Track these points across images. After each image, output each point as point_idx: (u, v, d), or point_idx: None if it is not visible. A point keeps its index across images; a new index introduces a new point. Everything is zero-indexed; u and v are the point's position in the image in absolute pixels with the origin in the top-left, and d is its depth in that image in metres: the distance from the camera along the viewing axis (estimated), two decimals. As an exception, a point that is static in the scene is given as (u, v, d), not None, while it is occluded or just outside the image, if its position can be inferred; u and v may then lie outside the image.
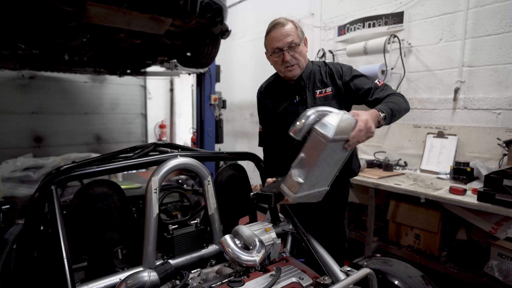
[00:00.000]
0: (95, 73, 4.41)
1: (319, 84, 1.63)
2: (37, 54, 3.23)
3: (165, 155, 1.39)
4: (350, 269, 1.18)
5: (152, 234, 1.23)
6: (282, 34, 1.50)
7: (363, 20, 3.30)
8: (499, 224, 2.22)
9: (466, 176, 2.46)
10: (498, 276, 2.13)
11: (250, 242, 1.21)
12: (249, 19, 5.13)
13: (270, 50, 1.55)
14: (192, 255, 1.34)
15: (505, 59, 2.52)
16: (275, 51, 1.53)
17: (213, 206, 1.44)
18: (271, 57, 1.57)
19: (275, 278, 1.10)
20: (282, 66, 1.55)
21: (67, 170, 1.17)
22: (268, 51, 1.58)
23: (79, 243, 1.20)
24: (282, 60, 1.53)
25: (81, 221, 1.21)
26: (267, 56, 1.62)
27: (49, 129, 5.43)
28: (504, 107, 2.53)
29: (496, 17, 2.54)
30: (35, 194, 1.10)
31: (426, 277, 1.47)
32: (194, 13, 2.26)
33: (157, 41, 2.99)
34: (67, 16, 2.11)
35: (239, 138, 5.67)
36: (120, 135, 6.32)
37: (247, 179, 1.72)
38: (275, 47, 1.51)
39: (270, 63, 1.63)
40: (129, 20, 2.27)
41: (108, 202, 1.27)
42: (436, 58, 2.90)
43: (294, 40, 1.50)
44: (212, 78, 4.52)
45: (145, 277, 1.05)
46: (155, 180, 1.24)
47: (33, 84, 5.21)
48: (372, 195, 2.61)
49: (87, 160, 1.40)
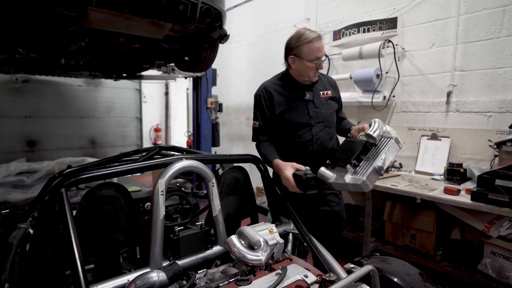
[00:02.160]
0: (90, 77, 4.40)
1: (321, 87, 1.94)
2: (35, 58, 3.22)
3: (171, 158, 1.42)
4: (353, 266, 1.22)
5: (159, 235, 1.25)
6: (322, 46, 1.78)
7: (358, 25, 3.38)
8: (492, 223, 2.30)
9: (459, 177, 2.53)
10: (492, 273, 2.19)
11: (255, 242, 1.24)
12: (245, 23, 5.18)
13: (312, 57, 1.76)
14: (197, 256, 1.36)
15: (494, 64, 2.61)
16: (315, 59, 1.76)
17: (217, 207, 1.46)
18: (307, 63, 1.77)
19: (281, 276, 1.13)
20: (312, 72, 1.81)
21: (74, 173, 1.19)
22: (307, 58, 1.77)
23: (86, 245, 1.22)
24: (316, 68, 1.79)
25: (89, 223, 1.23)
26: (293, 60, 1.81)
27: (43, 133, 5.37)
28: (494, 110, 2.62)
29: (485, 23, 2.63)
30: (44, 197, 1.12)
31: (423, 274, 1.52)
32: (194, 19, 2.29)
33: (155, 45, 3.01)
34: (68, 21, 2.12)
35: (235, 142, 5.70)
36: (115, 138, 6.28)
37: (249, 181, 1.76)
38: (318, 56, 1.77)
39: (294, 66, 1.83)
40: (129, 25, 2.29)
41: (115, 204, 1.29)
42: (429, 62, 2.98)
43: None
44: (208, 81, 4.56)
45: (154, 277, 1.07)
46: (162, 183, 1.27)
47: (26, 87, 5.16)
48: (369, 196, 2.67)
49: (92, 163, 1.42)
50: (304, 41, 1.76)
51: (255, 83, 5.47)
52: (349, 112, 3.65)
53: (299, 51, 1.78)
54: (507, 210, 1.94)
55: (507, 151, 2.31)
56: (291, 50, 1.81)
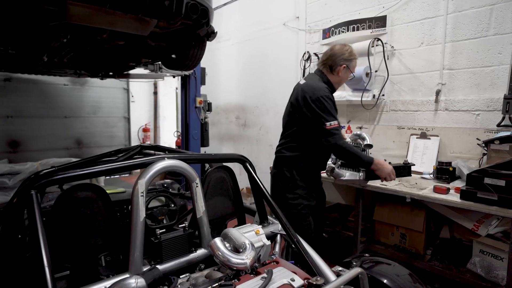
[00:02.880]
0: (75, 75, 4.27)
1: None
2: (14, 54, 3.10)
3: (152, 157, 1.36)
4: (341, 269, 1.18)
5: (139, 239, 1.18)
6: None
7: (347, 24, 3.36)
8: (481, 221, 2.29)
9: (448, 176, 2.52)
10: (481, 272, 2.19)
11: (240, 245, 1.19)
12: (234, 22, 5.13)
13: (354, 70, 2.20)
14: (180, 260, 1.31)
15: (482, 62, 2.62)
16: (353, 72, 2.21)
17: (202, 209, 1.41)
18: (347, 75, 2.18)
19: (266, 280, 1.08)
20: (344, 82, 2.31)
21: (47, 174, 1.12)
22: (351, 70, 2.17)
23: (61, 250, 1.15)
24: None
25: (64, 227, 1.16)
26: (341, 69, 2.14)
27: (26, 133, 5.21)
28: (482, 108, 2.62)
29: (473, 22, 2.63)
30: (13, 199, 1.04)
31: (413, 275, 1.49)
32: (180, 14, 2.22)
33: (141, 42, 2.92)
34: (47, 15, 2.04)
35: (225, 141, 5.64)
36: (102, 139, 6.14)
37: (236, 181, 1.70)
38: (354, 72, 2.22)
39: (340, 74, 2.16)
40: (112, 20, 2.21)
41: (93, 206, 1.22)
42: (418, 61, 2.98)
43: None
44: (197, 80, 4.48)
45: (132, 284, 1.01)
46: (141, 183, 1.20)
47: (8, 86, 4.99)
48: (359, 196, 2.64)
49: (68, 164, 1.35)
50: (355, 57, 2.16)
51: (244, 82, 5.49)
52: (339, 111, 3.61)
53: (350, 63, 2.13)
54: (496, 208, 1.94)
55: (495, 149, 2.31)
56: (345, 61, 2.11)
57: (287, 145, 2.17)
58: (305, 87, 2.10)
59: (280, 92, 4.40)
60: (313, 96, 2.01)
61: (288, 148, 2.16)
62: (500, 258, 2.16)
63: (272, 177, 2.31)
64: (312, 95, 2.02)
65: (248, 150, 5.06)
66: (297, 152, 2.14)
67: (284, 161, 2.17)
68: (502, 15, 2.49)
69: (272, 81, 4.54)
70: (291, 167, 2.15)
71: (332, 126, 1.98)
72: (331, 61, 2.13)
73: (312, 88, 2.06)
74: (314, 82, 2.12)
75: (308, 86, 2.11)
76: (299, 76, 3.89)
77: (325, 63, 2.18)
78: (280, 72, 4.37)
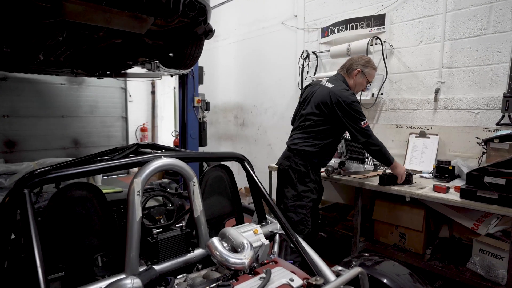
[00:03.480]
0: (72, 74, 4.23)
1: None
2: (9, 53, 3.06)
3: (148, 156, 1.33)
4: (341, 269, 1.16)
5: (135, 238, 1.16)
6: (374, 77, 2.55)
7: (345, 22, 3.35)
8: (480, 220, 2.28)
9: (448, 175, 2.51)
10: (481, 271, 2.18)
11: (238, 245, 1.18)
12: (233, 21, 5.11)
13: (371, 78, 2.46)
14: (177, 260, 1.29)
15: (481, 61, 2.61)
16: (368, 82, 2.47)
17: (199, 208, 1.38)
18: (363, 80, 2.43)
19: (265, 280, 1.06)
20: (361, 89, 2.53)
21: (41, 172, 1.09)
22: (367, 77, 2.43)
23: (55, 250, 1.12)
24: (365, 88, 2.54)
25: (58, 226, 1.13)
26: (357, 73, 2.41)
27: (23, 133, 5.17)
28: (481, 107, 2.61)
29: (472, 20, 2.62)
30: (5, 198, 1.02)
31: (413, 274, 1.48)
32: (177, 12, 2.20)
33: (138, 41, 2.90)
34: (43, 12, 2.01)
35: (223, 141, 5.62)
36: (100, 138, 6.10)
37: (234, 180, 1.68)
38: (370, 81, 2.47)
39: (357, 81, 2.42)
40: (108, 18, 2.18)
41: (87, 206, 1.20)
42: (417, 59, 2.97)
43: None
44: (195, 79, 4.46)
45: (128, 284, 0.99)
46: (137, 182, 1.18)
47: (4, 86, 4.95)
48: (358, 195, 2.63)
49: (64, 163, 1.32)
50: (372, 66, 2.43)
51: (242, 82, 5.47)
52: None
53: (365, 69, 2.39)
54: (496, 207, 1.92)
55: (494, 148, 2.30)
56: (360, 66, 2.39)
57: (309, 142, 2.37)
58: (336, 91, 2.28)
59: (279, 92, 4.39)
60: (347, 101, 2.23)
61: (310, 144, 2.36)
62: (500, 257, 2.15)
63: (283, 170, 2.45)
64: (346, 99, 2.23)
65: (247, 150, 5.04)
66: (317, 148, 2.35)
67: (302, 156, 2.37)
68: (501, 13, 2.48)
69: (270, 80, 4.52)
70: (307, 162, 2.37)
71: (366, 125, 2.26)
72: (349, 66, 2.44)
73: (343, 92, 2.27)
74: (342, 87, 2.34)
75: (338, 90, 2.29)
76: (298, 75, 3.87)
77: (344, 67, 2.49)
78: (279, 71, 4.35)
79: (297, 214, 2.34)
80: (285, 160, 2.45)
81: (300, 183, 2.36)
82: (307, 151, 2.35)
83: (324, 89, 2.36)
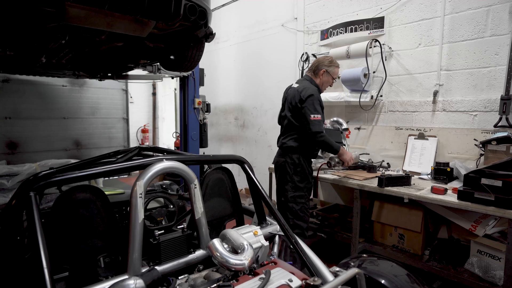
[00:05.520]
0: (74, 76, 4.26)
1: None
2: (12, 56, 3.09)
3: (150, 159, 1.36)
4: (339, 269, 1.19)
5: (138, 240, 1.19)
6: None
7: (345, 25, 3.37)
8: (478, 221, 2.31)
9: (446, 176, 2.53)
10: (478, 272, 2.20)
11: (239, 246, 1.20)
12: (233, 23, 5.14)
13: (335, 76, 2.71)
14: (179, 261, 1.31)
15: (479, 63, 2.63)
16: (333, 79, 2.73)
17: (200, 210, 1.41)
18: (329, 78, 2.69)
19: (264, 281, 1.08)
20: (328, 86, 2.76)
21: (46, 175, 1.12)
22: (332, 75, 2.69)
23: (60, 252, 1.15)
24: (331, 84, 2.77)
25: (62, 228, 1.16)
26: (322, 73, 2.66)
27: (25, 134, 5.20)
28: (479, 109, 2.64)
29: (470, 23, 2.65)
30: (12, 201, 1.04)
31: (411, 275, 1.50)
32: (178, 16, 2.22)
33: (139, 44, 2.93)
34: (46, 17, 2.04)
35: (223, 142, 5.64)
36: (101, 140, 6.14)
37: (234, 182, 1.71)
38: (335, 77, 2.73)
39: (323, 79, 2.68)
40: (110, 22, 2.21)
41: (91, 208, 1.22)
42: (415, 62, 2.99)
43: None
44: (195, 81, 4.49)
45: (131, 285, 1.01)
46: (140, 185, 1.21)
47: (6, 87, 4.98)
48: (357, 196, 2.65)
49: (67, 165, 1.35)
50: (335, 64, 2.68)
51: (242, 84, 5.51)
52: (337, 112, 3.64)
53: (329, 68, 2.64)
54: (493, 208, 1.95)
55: (492, 150, 2.32)
56: (325, 66, 2.64)
57: (292, 137, 2.62)
58: (300, 90, 2.57)
59: (279, 93, 4.39)
60: (305, 95, 2.50)
61: (294, 139, 2.62)
62: (497, 258, 2.17)
63: (280, 165, 2.68)
64: (305, 94, 2.51)
65: (247, 151, 5.07)
66: (300, 142, 2.60)
67: (292, 150, 2.62)
68: (499, 17, 2.50)
69: (270, 82, 4.55)
70: (298, 155, 2.61)
71: (315, 118, 2.46)
72: (315, 67, 2.70)
73: (305, 88, 2.54)
74: (307, 84, 2.61)
75: (302, 87, 2.57)
76: (298, 77, 3.90)
77: (311, 68, 2.75)
78: (279, 73, 4.38)
79: (297, 204, 2.58)
80: (280, 157, 2.72)
81: (295, 174, 2.60)
82: (293, 146, 2.61)
83: (293, 90, 2.65)
